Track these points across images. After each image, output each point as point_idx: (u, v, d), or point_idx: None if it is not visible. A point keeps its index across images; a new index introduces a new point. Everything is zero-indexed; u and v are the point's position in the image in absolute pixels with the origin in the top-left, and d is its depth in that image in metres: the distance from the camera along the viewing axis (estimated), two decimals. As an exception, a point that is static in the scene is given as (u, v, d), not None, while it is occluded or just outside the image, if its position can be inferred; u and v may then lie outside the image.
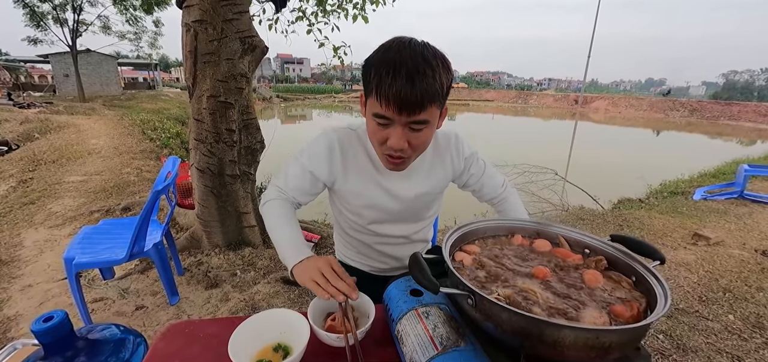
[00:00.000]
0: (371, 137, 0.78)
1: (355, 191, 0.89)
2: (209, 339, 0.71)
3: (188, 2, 1.74)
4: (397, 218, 0.94)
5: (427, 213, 0.98)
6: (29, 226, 3.01)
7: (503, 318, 0.51)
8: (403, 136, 0.71)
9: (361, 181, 0.88)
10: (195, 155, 2.06)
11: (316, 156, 0.86)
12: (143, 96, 19.66)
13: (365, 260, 1.03)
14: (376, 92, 0.68)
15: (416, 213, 0.95)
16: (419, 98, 0.66)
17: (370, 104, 0.72)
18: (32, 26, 14.86)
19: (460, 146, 0.94)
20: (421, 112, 0.68)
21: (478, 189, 1.01)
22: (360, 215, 0.93)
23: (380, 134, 0.73)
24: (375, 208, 0.90)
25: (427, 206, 0.96)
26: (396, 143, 0.71)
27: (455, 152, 0.93)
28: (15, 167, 5.02)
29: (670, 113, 32.33)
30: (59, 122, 8.37)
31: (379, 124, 0.72)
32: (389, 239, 0.97)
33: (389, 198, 0.89)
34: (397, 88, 0.65)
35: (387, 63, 0.66)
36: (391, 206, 0.90)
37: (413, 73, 0.65)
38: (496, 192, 1.01)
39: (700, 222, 3.32)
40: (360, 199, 0.89)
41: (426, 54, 0.67)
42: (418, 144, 0.74)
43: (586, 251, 0.74)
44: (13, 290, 2.11)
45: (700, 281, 2.23)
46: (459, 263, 0.69)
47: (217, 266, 2.26)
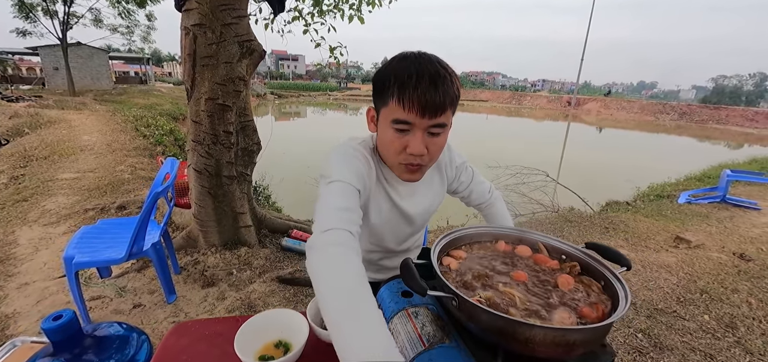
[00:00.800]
0: (388, 147, 0.76)
1: (377, 208, 0.87)
2: (214, 337, 0.76)
3: (188, 6, 1.78)
4: (406, 237, 0.98)
5: (421, 227, 1.03)
6: (23, 224, 3.01)
7: (483, 319, 0.57)
8: (422, 141, 0.73)
9: (379, 198, 0.87)
10: (192, 156, 2.10)
11: (349, 165, 0.76)
12: (135, 91, 19.42)
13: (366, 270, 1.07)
14: (399, 97, 0.70)
15: (421, 227, 1.00)
16: (442, 100, 0.69)
17: (388, 111, 0.73)
18: (21, 17, 14.59)
19: (452, 155, 0.99)
20: (441, 115, 0.71)
21: (467, 195, 1.07)
22: (376, 233, 0.92)
23: (399, 141, 0.73)
24: (391, 226, 0.91)
25: (426, 218, 1.00)
26: (417, 148, 0.72)
27: (449, 162, 0.99)
28: (5, 163, 4.97)
29: (660, 116, 32.91)
30: (50, 116, 8.26)
31: (399, 130, 0.72)
32: (389, 253, 1.00)
33: (402, 218, 0.91)
34: (422, 91, 0.68)
35: (408, 70, 0.69)
36: (404, 227, 0.93)
37: (436, 78, 0.69)
38: (484, 198, 1.07)
39: (682, 226, 3.44)
40: (379, 216, 0.88)
41: (441, 63, 0.73)
42: (436, 149, 0.76)
43: (563, 257, 0.81)
44: (9, 288, 2.13)
45: (680, 282, 2.33)
46: (446, 267, 0.75)
47: (214, 265, 2.30)
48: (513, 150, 11.46)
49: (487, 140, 15.51)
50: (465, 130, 19.69)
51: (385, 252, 1.00)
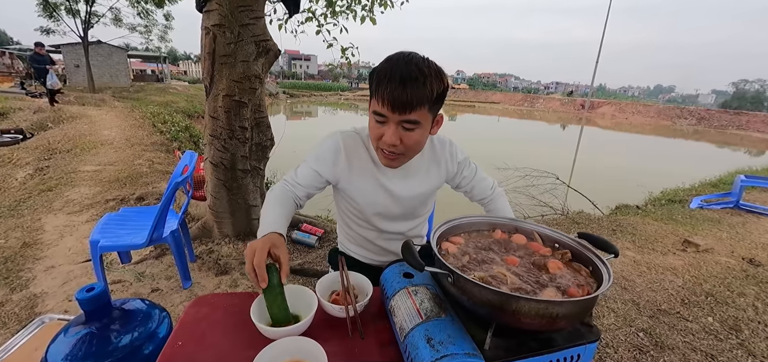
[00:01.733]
0: (371, 134, 0.90)
1: (359, 189, 1.00)
2: (230, 307, 0.84)
3: (208, 7, 1.88)
4: (395, 216, 1.05)
5: (422, 211, 1.10)
6: (48, 212, 3.17)
7: (475, 293, 0.63)
8: (396, 133, 0.83)
9: (363, 180, 0.99)
10: (209, 150, 2.20)
11: (322, 157, 0.97)
12: (152, 88, 19.90)
13: (365, 253, 1.15)
14: (376, 93, 0.82)
15: (412, 211, 1.07)
16: (409, 99, 0.78)
17: (372, 104, 0.85)
18: (45, 17, 15.13)
19: (454, 151, 1.07)
20: (411, 112, 0.80)
21: (470, 190, 1.13)
22: (362, 211, 1.04)
23: (377, 130, 0.85)
24: (376, 205, 1.02)
25: (423, 204, 1.08)
26: (389, 139, 0.83)
27: (449, 157, 1.06)
28: (31, 155, 5.19)
29: (678, 120, 32.13)
30: (71, 112, 8.56)
31: (377, 121, 0.84)
32: (388, 234, 1.08)
33: (389, 197, 1.00)
34: (391, 90, 0.78)
35: (386, 70, 0.80)
36: (391, 204, 1.02)
37: (406, 79, 0.78)
38: (486, 194, 1.13)
39: (692, 230, 3.41)
40: (363, 197, 1.01)
41: (421, 65, 0.80)
42: (411, 143, 0.85)
43: (556, 246, 0.86)
44: (37, 270, 2.26)
45: (685, 285, 2.33)
46: (445, 250, 0.81)
47: (227, 254, 2.40)
48: (523, 152, 11.38)
49: (497, 142, 15.43)
50: (474, 131, 19.59)
51: (378, 231, 1.07)
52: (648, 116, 34.28)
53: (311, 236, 2.64)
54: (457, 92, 62.01)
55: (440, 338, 0.64)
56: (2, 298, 1.99)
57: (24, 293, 2.03)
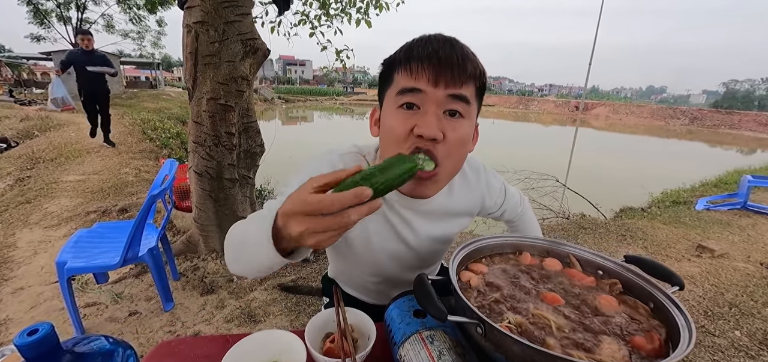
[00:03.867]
0: (390, 136, 0.60)
1: (362, 231, 0.73)
2: (200, 359, 0.67)
3: (190, 3, 1.72)
4: (409, 265, 0.80)
5: (438, 258, 0.88)
6: (24, 226, 2.97)
7: (515, 351, 0.47)
8: (437, 122, 0.55)
9: (369, 219, 0.70)
10: (193, 158, 2.03)
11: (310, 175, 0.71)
12: (145, 95, 19.61)
13: (365, 295, 0.91)
14: (406, 62, 0.56)
15: (432, 256, 0.82)
16: (461, 62, 0.55)
17: (393, 88, 0.59)
18: (36, 24, 14.90)
19: (490, 179, 0.83)
20: (462, 86, 0.55)
21: (501, 215, 0.92)
22: (360, 256, 0.77)
23: (406, 123, 0.56)
24: (383, 252, 0.75)
25: (443, 250, 0.84)
26: (428, 128, 0.54)
27: (487, 188, 0.82)
28: (13, 165, 4.98)
29: (671, 120, 32.39)
30: (60, 119, 8.34)
31: (407, 105, 0.57)
32: (396, 281, 0.85)
33: (402, 242, 0.74)
34: (434, 48, 0.55)
35: (419, 41, 0.58)
36: (404, 251, 0.76)
37: (452, 41, 0.57)
38: (516, 211, 0.93)
39: (703, 233, 3.28)
40: (366, 241, 0.74)
41: (459, 42, 0.59)
42: (456, 141, 0.58)
43: (600, 273, 0.71)
44: (4, 292, 2.07)
45: (706, 294, 2.19)
46: (466, 283, 0.65)
47: (214, 271, 2.22)
48: (520, 155, 11.29)
49: (494, 145, 15.35)
50: (472, 134, 19.50)
51: (384, 279, 0.83)
52: (641, 116, 34.54)
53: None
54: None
55: (470, 413, 0.47)
56: (-38, 325, 1.80)
57: (-14, 319, 1.84)
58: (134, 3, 14.34)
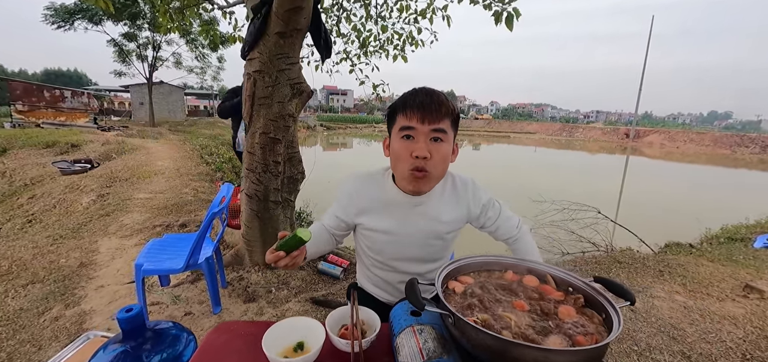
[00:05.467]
0: (398, 156, 0.92)
1: (379, 228, 1.02)
2: (248, 336, 0.88)
3: (251, 56, 2.08)
4: (414, 257, 1.05)
5: (442, 253, 1.08)
6: (104, 235, 3.50)
7: (473, 336, 0.63)
8: (426, 145, 0.88)
9: (381, 219, 1.02)
10: (245, 183, 2.36)
11: (340, 202, 1.06)
12: (203, 123, 21.71)
13: (383, 293, 1.15)
14: (402, 111, 0.89)
15: (431, 251, 1.06)
16: (437, 107, 0.86)
17: (396, 125, 0.92)
18: (119, 61, 17.32)
19: (477, 192, 1.06)
20: (440, 121, 0.87)
21: (494, 230, 1.11)
22: (381, 252, 1.06)
23: (407, 148, 0.89)
24: (395, 243, 1.03)
25: (443, 244, 1.06)
26: (420, 150, 0.87)
27: (473, 198, 1.05)
28: (96, 182, 5.80)
29: (738, 149, 29.30)
30: (133, 144, 9.52)
31: (406, 137, 0.89)
32: (405, 275, 1.07)
33: (409, 232, 1.01)
34: (420, 101, 0.87)
35: (408, 93, 0.92)
36: (410, 240, 1.02)
37: (431, 93, 0.88)
38: (511, 233, 1.10)
39: (756, 273, 3.04)
40: (382, 236, 1.03)
41: (436, 90, 0.91)
42: (439, 157, 0.89)
43: (570, 289, 0.83)
44: (89, 289, 2.49)
45: (747, 337, 2.07)
46: (451, 290, 0.82)
47: (256, 282, 2.50)
48: (562, 183, 10.88)
49: (534, 172, 14.89)
50: (505, 161, 19.08)
51: (396, 273, 1.08)
52: (703, 144, 31.60)
53: (336, 268, 2.68)
54: (491, 123, 61.23)
55: (439, 380, 0.64)
56: (57, 313, 2.20)
57: (76, 309, 2.24)
58: (200, 42, 16.16)
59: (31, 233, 3.92)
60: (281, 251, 0.83)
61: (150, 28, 16.22)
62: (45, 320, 2.12)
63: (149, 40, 16.81)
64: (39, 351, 1.88)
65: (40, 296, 2.37)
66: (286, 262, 0.85)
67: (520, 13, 2.43)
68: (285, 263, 0.85)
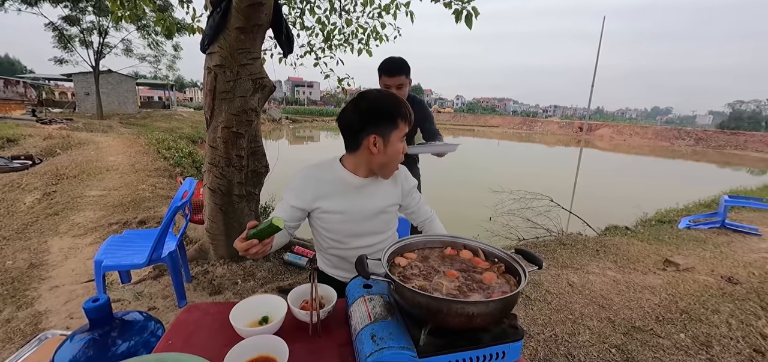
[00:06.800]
0: (398, 155, 1.13)
1: (334, 208, 1.15)
2: (216, 314, 0.97)
3: (211, 49, 2.09)
4: (364, 231, 1.21)
5: (387, 226, 1.26)
6: (55, 235, 3.32)
7: (408, 297, 0.77)
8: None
9: (337, 200, 1.16)
10: (208, 177, 2.37)
11: (293, 190, 1.15)
12: (158, 115, 20.45)
13: (340, 272, 1.29)
14: (405, 118, 1.11)
15: (379, 225, 1.23)
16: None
17: (399, 131, 1.10)
18: (60, 48, 15.84)
19: (408, 176, 1.30)
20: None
21: (413, 212, 1.33)
22: (336, 231, 1.19)
23: (403, 148, 1.13)
24: (349, 221, 1.17)
25: (388, 219, 1.25)
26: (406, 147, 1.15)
27: (405, 180, 1.28)
28: (39, 180, 5.40)
29: (676, 141, 32.34)
30: (80, 138, 8.86)
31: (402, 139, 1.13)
32: (358, 250, 1.21)
33: (360, 209, 1.17)
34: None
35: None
36: (361, 217, 1.18)
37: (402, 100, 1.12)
38: (427, 216, 1.33)
39: (676, 250, 3.50)
40: (337, 216, 1.16)
41: None
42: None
43: (495, 260, 1.00)
44: (42, 289, 2.39)
45: (661, 303, 2.42)
46: (396, 264, 0.95)
47: (221, 275, 2.52)
48: (523, 176, 11.50)
49: (495, 165, 15.60)
50: (472, 154, 19.79)
51: (349, 249, 1.22)
52: (646, 137, 34.53)
53: (302, 258, 2.76)
54: (456, 116, 62.80)
55: (382, 335, 0.77)
56: (9, 315, 2.12)
57: (29, 310, 2.16)
58: (153, 29, 15.18)
59: (-33, 236, 3.62)
60: (254, 239, 0.91)
61: (95, 12, 14.99)
62: (-7, 323, 2.03)
63: (95, 24, 15.53)
64: (-10, 354, 1.81)
65: (-14, 299, 2.25)
66: (257, 250, 0.94)
67: (479, 12, 2.60)
68: (256, 250, 0.94)
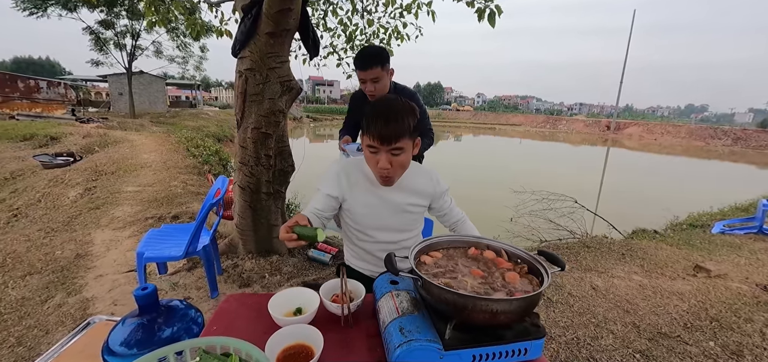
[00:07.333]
0: (368, 162, 1.15)
1: (359, 202, 1.23)
2: (254, 304, 1.05)
3: (242, 54, 2.20)
4: (390, 227, 1.27)
5: (413, 224, 1.31)
6: (97, 227, 3.57)
7: (435, 293, 0.82)
8: (387, 159, 1.08)
9: (362, 194, 1.23)
10: (238, 175, 2.50)
11: (329, 182, 1.22)
12: (186, 114, 21.27)
13: (366, 265, 1.36)
14: (367, 131, 1.08)
15: (403, 223, 1.28)
16: (393, 133, 1.04)
17: (365, 139, 1.11)
18: (96, 50, 16.75)
19: (439, 181, 1.31)
20: (396, 142, 1.05)
21: (445, 214, 1.35)
22: (362, 223, 1.26)
23: (373, 159, 1.11)
24: (373, 216, 1.24)
25: (413, 218, 1.29)
26: (383, 164, 1.08)
27: (436, 183, 1.30)
28: (81, 176, 5.77)
29: (712, 141, 30.65)
30: (115, 136, 9.37)
31: (371, 152, 1.10)
32: (384, 245, 1.28)
33: (384, 207, 1.24)
34: (378, 128, 1.04)
35: (372, 113, 1.07)
36: (386, 214, 1.24)
37: (388, 118, 1.05)
38: (458, 217, 1.35)
39: (708, 255, 3.37)
40: (362, 208, 1.24)
41: (398, 107, 1.07)
42: (398, 164, 1.11)
43: (518, 261, 1.03)
44: (88, 278, 2.59)
45: (690, 309, 2.36)
46: (422, 262, 1.00)
47: (250, 269, 2.64)
48: (545, 175, 11.26)
49: (516, 164, 15.31)
50: (491, 153, 19.46)
51: (375, 242, 1.28)
52: (679, 136, 32.89)
53: (326, 254, 2.86)
54: (476, 115, 61.91)
55: (410, 328, 0.82)
56: (60, 301, 2.31)
57: (78, 297, 2.35)
58: (181, 31, 15.80)
59: (20, 227, 3.94)
60: (296, 235, 0.97)
61: (128, 16, 15.74)
62: (48, 307, 2.23)
63: (128, 28, 16.33)
64: (46, 334, 1.99)
65: (41, 285, 2.46)
66: (294, 245, 1.01)
67: (502, 10, 2.60)
68: (293, 245, 1.01)
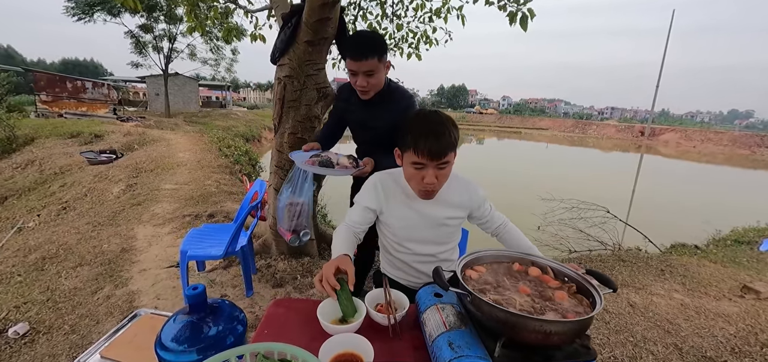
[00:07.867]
0: (410, 179, 1.15)
1: (396, 216, 1.25)
2: (300, 310, 1.09)
3: (281, 61, 2.28)
4: (426, 239, 1.28)
5: (450, 237, 1.32)
6: (139, 223, 3.78)
7: (486, 310, 0.82)
8: (433, 173, 1.09)
9: (398, 207, 1.25)
10: (274, 178, 2.58)
11: (367, 196, 1.25)
12: (216, 114, 22.14)
13: (402, 275, 1.37)
14: (414, 148, 1.07)
15: (440, 236, 1.29)
16: (443, 148, 1.06)
17: (408, 156, 1.10)
18: (136, 53, 17.77)
19: (477, 190, 1.30)
20: (444, 157, 1.07)
21: (486, 222, 1.33)
22: (399, 236, 1.28)
23: (418, 175, 1.11)
24: (410, 228, 1.26)
25: (450, 230, 1.29)
26: (430, 180, 1.09)
27: (474, 195, 1.29)
28: (123, 173, 6.13)
29: (759, 149, 28.59)
30: (152, 135, 9.88)
31: (417, 168, 1.10)
32: (420, 257, 1.30)
33: (421, 220, 1.25)
34: (430, 144, 1.05)
35: (420, 127, 1.07)
36: (422, 227, 1.25)
37: (439, 133, 1.06)
38: (500, 222, 1.33)
39: (756, 275, 3.16)
40: (399, 221, 1.26)
41: (443, 119, 1.08)
42: (443, 177, 1.12)
43: (565, 279, 1.02)
44: (133, 271, 2.75)
45: (738, 333, 2.22)
46: (468, 276, 1.00)
47: (283, 270, 2.72)
48: (573, 181, 10.90)
49: (543, 170, 14.89)
50: (516, 157, 19.01)
51: (412, 254, 1.29)
52: (721, 143, 30.89)
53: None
54: (501, 118, 60.75)
55: (459, 343, 0.83)
56: (109, 292, 2.47)
57: (124, 289, 2.50)
58: (214, 35, 16.48)
59: (69, 220, 4.24)
60: (335, 292, 0.98)
61: (166, 21, 16.58)
62: (98, 298, 2.39)
63: (165, 32, 17.20)
64: (97, 324, 2.14)
65: (91, 277, 2.64)
66: (325, 286, 1.00)
67: (535, 13, 2.55)
68: (325, 287, 1.00)
